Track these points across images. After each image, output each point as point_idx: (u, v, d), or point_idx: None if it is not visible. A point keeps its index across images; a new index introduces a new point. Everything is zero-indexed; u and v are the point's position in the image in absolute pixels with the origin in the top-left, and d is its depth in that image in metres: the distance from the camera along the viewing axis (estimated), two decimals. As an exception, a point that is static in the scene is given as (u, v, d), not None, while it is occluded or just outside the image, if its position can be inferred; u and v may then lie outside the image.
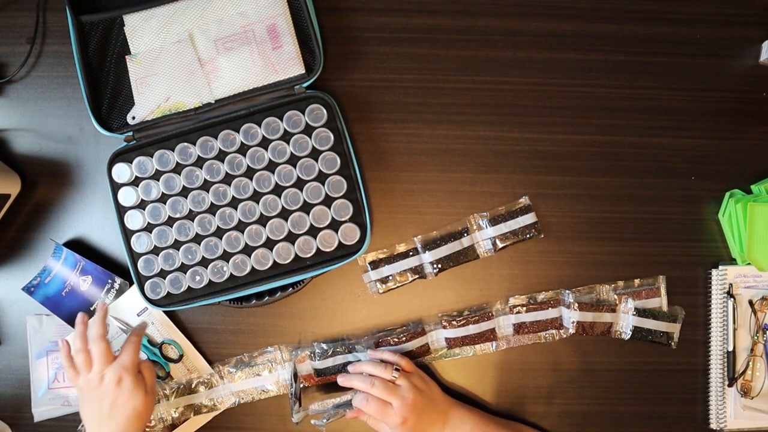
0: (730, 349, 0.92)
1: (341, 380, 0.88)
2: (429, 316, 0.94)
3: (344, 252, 0.90)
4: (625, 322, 0.92)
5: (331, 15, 0.96)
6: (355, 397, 0.86)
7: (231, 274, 0.90)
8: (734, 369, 0.92)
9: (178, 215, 0.91)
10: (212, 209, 0.91)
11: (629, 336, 0.92)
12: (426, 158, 0.95)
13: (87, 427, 0.84)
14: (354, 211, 0.90)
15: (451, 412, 0.87)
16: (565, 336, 0.93)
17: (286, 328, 0.95)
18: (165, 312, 0.94)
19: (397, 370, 0.85)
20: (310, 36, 0.91)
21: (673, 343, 0.93)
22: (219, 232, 0.91)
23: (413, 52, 0.96)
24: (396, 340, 0.91)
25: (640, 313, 0.92)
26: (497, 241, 0.94)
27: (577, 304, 0.91)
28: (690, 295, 0.94)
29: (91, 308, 0.93)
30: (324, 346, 0.93)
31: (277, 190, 0.91)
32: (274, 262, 0.90)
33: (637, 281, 0.94)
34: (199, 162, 0.91)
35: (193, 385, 0.94)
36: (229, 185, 0.91)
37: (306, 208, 0.90)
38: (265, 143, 0.91)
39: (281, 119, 0.91)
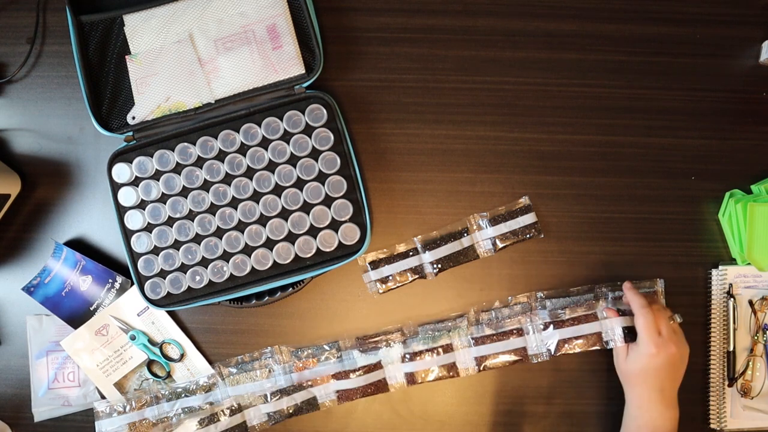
0: (730, 349, 0.92)
1: (629, 285, 0.89)
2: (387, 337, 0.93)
3: (344, 252, 0.90)
4: (610, 328, 0.89)
5: (331, 15, 0.96)
6: (637, 300, 0.86)
7: (231, 274, 0.90)
8: (734, 369, 0.92)
9: (178, 215, 0.91)
10: (212, 209, 0.91)
11: (622, 340, 0.88)
12: (426, 158, 0.95)
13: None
14: (354, 211, 0.90)
15: (670, 406, 0.85)
16: (544, 359, 0.92)
17: (286, 328, 0.95)
18: (165, 312, 0.94)
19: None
20: (310, 36, 0.91)
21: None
22: (219, 232, 0.91)
23: (413, 52, 0.96)
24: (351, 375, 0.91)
25: (625, 312, 0.89)
26: (497, 241, 0.94)
27: (552, 325, 0.90)
28: (690, 295, 0.94)
29: (91, 308, 0.93)
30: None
31: (277, 190, 0.91)
32: (274, 262, 0.90)
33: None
34: (199, 162, 0.91)
35: (191, 389, 0.94)
36: (229, 185, 0.91)
37: (306, 208, 0.91)
38: (265, 143, 0.91)
39: (281, 119, 0.91)
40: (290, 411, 0.92)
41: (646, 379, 0.85)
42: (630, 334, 0.87)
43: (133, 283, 0.93)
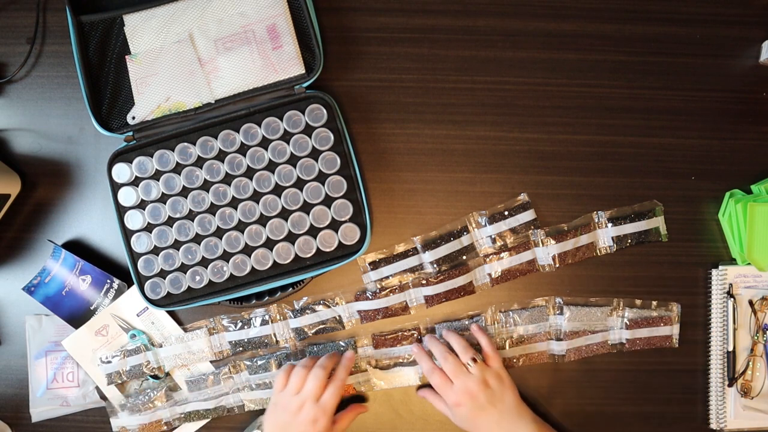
0: (730, 349, 0.92)
1: (416, 349, 0.90)
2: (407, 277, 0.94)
3: (344, 252, 0.90)
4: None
5: (331, 15, 0.96)
6: (424, 365, 0.88)
7: (231, 274, 0.90)
8: (734, 369, 0.92)
9: (178, 215, 0.91)
10: (212, 209, 0.91)
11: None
12: (426, 158, 0.95)
13: None
14: (354, 211, 0.90)
15: (517, 423, 0.85)
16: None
17: (286, 328, 0.95)
18: (165, 312, 0.94)
19: (474, 360, 0.85)
20: (310, 36, 0.91)
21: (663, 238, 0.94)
22: (219, 232, 0.91)
23: (413, 52, 0.96)
24: (375, 296, 0.92)
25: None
26: (497, 240, 0.94)
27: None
28: (690, 295, 0.94)
29: (91, 308, 0.93)
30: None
31: (277, 190, 0.91)
32: (274, 262, 0.90)
33: (654, 303, 0.93)
34: (199, 162, 0.91)
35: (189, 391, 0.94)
36: (229, 185, 0.91)
37: (306, 208, 0.91)
38: (265, 143, 0.91)
39: (281, 119, 0.91)
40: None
41: (480, 427, 0.85)
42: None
43: (130, 286, 0.93)
